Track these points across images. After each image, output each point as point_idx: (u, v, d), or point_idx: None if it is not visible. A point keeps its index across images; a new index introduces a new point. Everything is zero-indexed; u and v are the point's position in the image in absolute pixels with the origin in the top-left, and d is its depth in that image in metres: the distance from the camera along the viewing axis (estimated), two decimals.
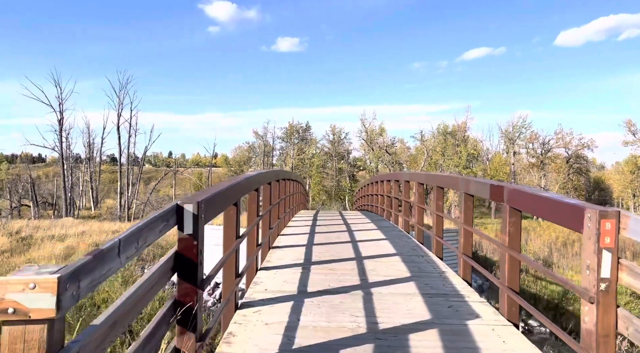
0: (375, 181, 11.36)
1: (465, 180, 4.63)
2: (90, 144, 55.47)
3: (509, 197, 3.42)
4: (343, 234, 7.71)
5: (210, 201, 2.60)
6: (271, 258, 5.60)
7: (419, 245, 6.69)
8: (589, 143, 53.29)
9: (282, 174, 7.45)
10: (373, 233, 7.78)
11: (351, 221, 9.61)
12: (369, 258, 5.60)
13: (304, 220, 9.80)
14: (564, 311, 17.18)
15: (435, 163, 48.98)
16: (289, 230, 8.14)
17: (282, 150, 56.18)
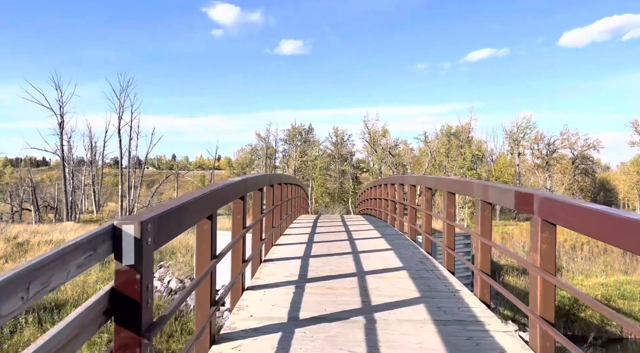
0: (378, 184, 10.73)
1: (483, 186, 4.03)
2: (93, 147, 55.21)
3: (542, 208, 2.85)
4: (344, 243, 7.09)
5: (163, 220, 2.00)
6: (262, 273, 5.02)
7: (427, 257, 6.11)
8: (595, 144, 52.60)
9: (276, 178, 6.83)
10: (377, 242, 7.16)
11: (353, 228, 8.99)
12: (372, 273, 5.02)
13: (303, 227, 9.21)
14: (575, 318, 16.48)
15: (439, 164, 48.42)
16: (285, 239, 7.54)
17: (285, 152, 55.78)
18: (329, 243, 7.05)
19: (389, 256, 6.09)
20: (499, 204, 3.70)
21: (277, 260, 5.85)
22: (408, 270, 5.18)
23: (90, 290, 13.19)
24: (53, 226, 31.82)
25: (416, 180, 7.06)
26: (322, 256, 6.05)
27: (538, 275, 2.94)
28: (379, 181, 10.78)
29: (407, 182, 7.23)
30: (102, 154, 54.67)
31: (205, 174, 73.16)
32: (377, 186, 10.92)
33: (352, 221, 10.76)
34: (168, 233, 2.16)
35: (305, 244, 7.04)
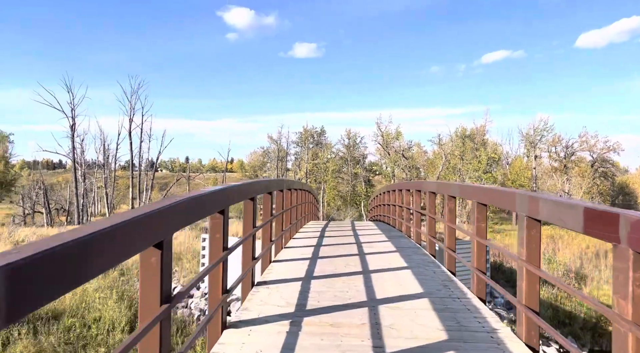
0: (392, 189, 9.88)
1: (530, 198, 3.13)
2: (105, 150, 55.23)
3: (636, 233, 1.96)
4: (353, 259, 6.17)
5: (28, 271, 1.14)
6: (251, 303, 4.11)
7: (450, 278, 5.22)
8: (615, 146, 51.06)
9: (277, 184, 6.06)
10: (391, 258, 6.23)
11: (364, 238, 8.09)
12: (386, 301, 4.13)
13: (309, 237, 8.38)
14: (603, 332, 15.36)
15: (454, 167, 47.46)
16: (286, 254, 6.61)
17: (297, 155, 55.28)
18: (336, 260, 6.15)
19: (405, 277, 5.21)
20: (556, 223, 2.82)
21: (273, 282, 4.94)
22: (430, 297, 4.31)
23: (89, 298, 12.53)
24: (63, 229, 31.52)
25: (436, 187, 6.08)
26: (327, 277, 5.18)
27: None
28: (393, 186, 9.90)
29: (426, 189, 6.28)
30: (115, 156, 54.80)
31: (217, 177, 72.97)
32: (390, 192, 10.05)
33: (364, 229, 9.97)
34: (47, 294, 1.30)
35: (309, 260, 6.17)
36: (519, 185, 49.80)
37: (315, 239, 8.05)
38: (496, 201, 4.09)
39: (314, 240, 7.88)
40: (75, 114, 38.24)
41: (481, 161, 45.68)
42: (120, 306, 12.03)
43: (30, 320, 10.96)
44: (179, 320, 11.93)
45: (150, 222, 2.03)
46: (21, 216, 43.64)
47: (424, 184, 6.60)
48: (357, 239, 7.95)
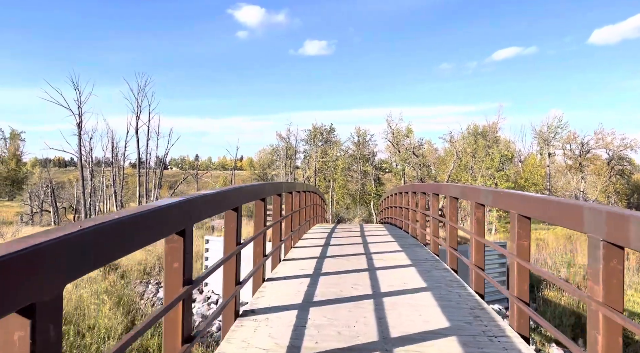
0: (405, 191, 9.07)
1: (608, 213, 2.34)
2: (114, 148, 55.07)
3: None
4: (362, 277, 5.19)
5: None
6: (233, 342, 3.32)
7: (480, 305, 4.29)
8: (632, 144, 49.74)
9: (272, 188, 5.31)
10: (407, 275, 5.32)
11: (375, 247, 7.15)
12: (404, 343, 3.25)
13: (313, 245, 7.52)
14: (629, 341, 14.48)
15: (465, 165, 46.57)
16: (284, 269, 5.73)
17: (306, 153, 54.76)
18: (341, 276, 5.23)
19: (425, 304, 4.29)
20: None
21: (263, 311, 4.05)
22: (459, 336, 3.40)
23: (84, 304, 11.94)
24: None
25: (460, 191, 5.08)
26: (329, 303, 4.25)
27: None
28: (406, 186, 9.11)
29: (447, 193, 5.40)
30: (124, 155, 54.60)
31: (226, 175, 72.73)
32: (403, 193, 9.25)
33: (373, 235, 9.12)
34: None
35: (310, 277, 5.26)
36: (532, 184, 48.75)
37: (320, 248, 7.18)
38: (551, 215, 3.04)
39: (317, 250, 6.97)
40: (82, 112, 37.94)
41: (494, 159, 44.75)
42: (117, 314, 11.44)
43: None
44: None
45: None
46: (28, 215, 43.57)
47: (443, 187, 5.78)
48: (367, 248, 7.07)
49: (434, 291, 4.69)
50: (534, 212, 3.36)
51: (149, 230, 2.16)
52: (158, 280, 17.03)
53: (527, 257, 3.50)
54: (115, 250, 1.81)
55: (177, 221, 2.71)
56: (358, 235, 8.93)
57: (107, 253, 1.75)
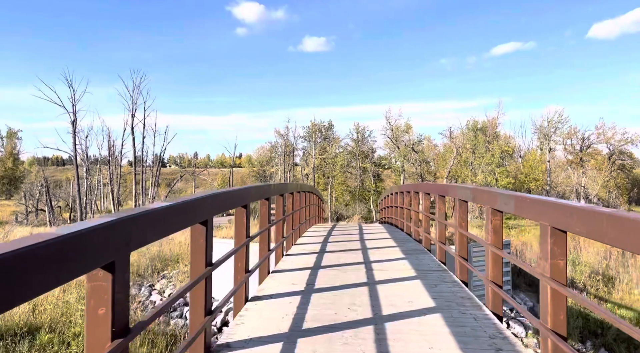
0: (406, 190, 8.50)
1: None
2: (111, 146, 54.50)
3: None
4: (360, 293, 4.48)
5: None
6: None
7: (501, 331, 3.67)
8: (634, 138, 49.25)
9: (257, 193, 4.61)
10: (412, 291, 4.60)
11: (375, 254, 6.41)
12: None
13: (307, 252, 6.82)
14: None
15: (465, 161, 46.14)
16: (271, 284, 4.92)
17: (305, 150, 54.30)
18: (337, 292, 4.51)
19: (436, 331, 3.63)
20: None
21: (236, 347, 3.37)
22: None
23: (71, 309, 11.44)
24: None
25: (472, 194, 4.34)
26: (321, 333, 3.57)
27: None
28: (408, 186, 8.50)
29: (455, 195, 4.69)
30: (121, 153, 54.02)
31: (225, 172, 72.29)
32: (405, 193, 8.68)
33: (373, 237, 8.51)
34: None
35: (301, 294, 4.51)
36: (533, 179, 48.29)
37: (314, 256, 6.43)
38: (604, 233, 2.27)
39: (311, 259, 6.19)
40: (77, 110, 37.34)
41: (494, 155, 44.30)
42: None
43: (3, 335, 9.92)
44: (168, 334, 10.79)
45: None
46: (23, 214, 43.00)
47: (451, 189, 5.00)
48: (366, 255, 6.36)
49: (444, 313, 4.03)
50: (575, 224, 2.61)
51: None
52: (151, 282, 16.50)
53: (564, 279, 2.92)
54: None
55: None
56: (357, 239, 8.26)
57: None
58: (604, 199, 49.16)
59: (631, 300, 15.34)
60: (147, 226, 2.15)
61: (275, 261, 5.90)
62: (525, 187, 48.45)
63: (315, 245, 7.33)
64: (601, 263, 19.80)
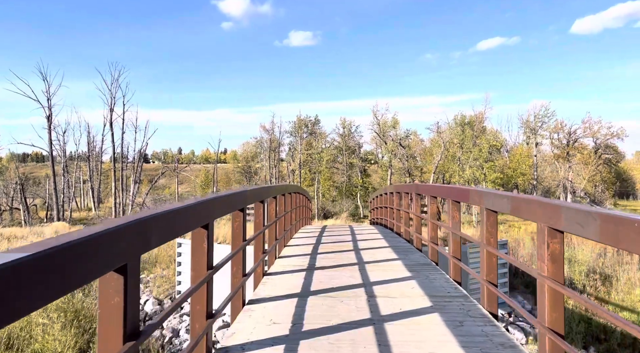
0: (405, 191, 7.45)
1: None
2: (90, 142, 52.75)
3: None
4: (362, 337, 3.38)
5: None
6: None
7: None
8: (619, 132, 49.19)
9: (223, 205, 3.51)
10: (430, 329, 3.53)
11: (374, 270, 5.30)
12: None
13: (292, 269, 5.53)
14: None
15: (453, 156, 45.58)
16: (246, 324, 3.78)
17: (291, 145, 53.27)
18: (330, 341, 3.39)
19: None
20: None
21: None
22: None
23: (32, 323, 10.28)
24: (37, 228, 29.24)
25: (478, 197, 3.70)
26: None
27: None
28: (407, 186, 7.45)
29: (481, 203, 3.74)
30: (101, 149, 52.27)
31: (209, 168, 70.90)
32: (403, 194, 7.63)
33: (369, 245, 7.45)
34: None
35: (284, 344, 3.44)
36: (520, 174, 47.96)
37: (301, 276, 5.19)
38: None
39: (297, 280, 4.98)
40: (52, 104, 35.71)
41: (482, 149, 43.79)
42: (69, 334, 9.80)
43: None
44: None
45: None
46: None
47: (475, 195, 3.87)
48: (365, 274, 5.10)
49: (461, 340, 3.20)
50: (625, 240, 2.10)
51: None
52: None
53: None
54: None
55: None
56: (350, 248, 7.09)
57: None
58: (590, 194, 49.07)
59: (632, 301, 14.67)
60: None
61: (254, 283, 4.85)
62: (513, 182, 48.12)
63: (301, 257, 6.16)
64: (597, 261, 19.17)
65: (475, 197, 3.71)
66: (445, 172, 46.31)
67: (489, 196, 3.47)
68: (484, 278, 3.80)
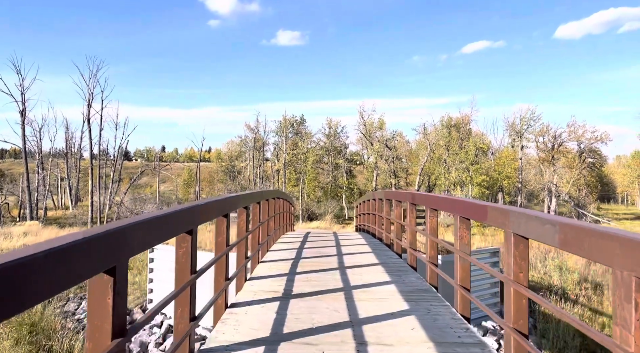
0: (397, 199, 6.64)
1: None
2: (68, 139, 51.04)
3: None
4: None
5: None
6: None
7: None
8: (603, 136, 49.33)
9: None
10: None
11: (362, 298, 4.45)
12: None
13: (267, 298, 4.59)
14: None
15: (439, 158, 45.20)
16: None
17: (276, 144, 52.37)
18: None
19: None
20: None
21: None
22: None
23: None
24: (6, 228, 27.82)
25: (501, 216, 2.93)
26: None
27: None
28: (400, 194, 6.58)
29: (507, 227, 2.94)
30: (80, 145, 50.63)
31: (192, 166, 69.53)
32: (395, 202, 6.77)
33: (352, 256, 6.73)
34: None
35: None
36: (505, 177, 47.77)
37: (276, 306, 4.30)
38: None
39: (270, 312, 4.12)
40: (26, 98, 34.22)
41: (468, 152, 43.46)
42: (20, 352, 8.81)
43: None
44: None
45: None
46: None
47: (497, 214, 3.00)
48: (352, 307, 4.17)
49: None
50: None
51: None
52: None
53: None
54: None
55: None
56: (335, 266, 6.01)
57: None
58: (574, 197, 49.11)
59: None
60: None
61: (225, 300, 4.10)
62: (498, 185, 47.93)
63: (279, 278, 5.10)
64: (587, 269, 18.69)
65: (497, 216, 2.82)
66: (431, 174, 45.90)
67: (519, 217, 2.66)
68: (510, 325, 2.92)
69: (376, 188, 46.43)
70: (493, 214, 2.99)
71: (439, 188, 44.53)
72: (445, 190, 42.77)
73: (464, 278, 3.66)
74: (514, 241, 2.86)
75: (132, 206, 35.72)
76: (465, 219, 3.66)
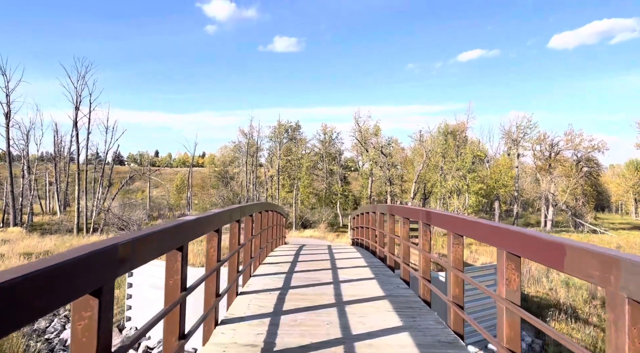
0: (404, 216, 5.50)
1: None
2: (57, 142, 49.85)
3: None
4: None
5: None
6: None
7: None
8: (600, 145, 48.77)
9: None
10: None
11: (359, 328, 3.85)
12: None
13: (249, 334, 3.92)
14: None
15: (435, 165, 44.39)
16: None
17: (270, 150, 51.47)
18: None
19: None
20: None
21: None
22: None
23: None
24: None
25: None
26: None
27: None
28: (401, 209, 5.59)
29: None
30: (69, 149, 49.44)
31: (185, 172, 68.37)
32: (392, 217, 5.88)
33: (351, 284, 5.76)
34: None
35: None
36: (503, 185, 47.02)
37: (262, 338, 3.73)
38: None
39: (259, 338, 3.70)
40: (11, 100, 33.12)
41: (465, 159, 42.66)
42: None
43: None
44: None
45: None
46: None
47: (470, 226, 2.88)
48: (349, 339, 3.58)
49: None
50: None
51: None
52: (67, 312, 13.20)
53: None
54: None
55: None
56: (331, 300, 4.94)
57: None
58: (571, 207, 48.42)
59: None
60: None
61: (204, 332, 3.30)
62: (495, 193, 47.16)
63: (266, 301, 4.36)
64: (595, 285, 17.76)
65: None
66: (427, 181, 45.11)
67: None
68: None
69: (371, 195, 45.55)
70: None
71: (435, 195, 43.74)
72: (441, 198, 41.95)
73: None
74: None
75: (121, 212, 34.58)
76: (516, 257, 2.78)
